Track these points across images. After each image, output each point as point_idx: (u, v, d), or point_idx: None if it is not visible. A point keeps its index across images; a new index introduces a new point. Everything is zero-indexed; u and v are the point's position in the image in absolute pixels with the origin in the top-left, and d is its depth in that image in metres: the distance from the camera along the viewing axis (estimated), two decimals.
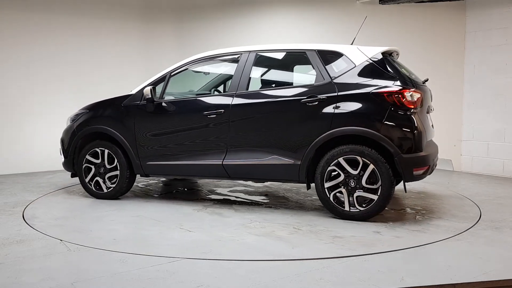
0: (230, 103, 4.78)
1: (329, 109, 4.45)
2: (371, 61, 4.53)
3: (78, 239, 3.84)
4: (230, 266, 3.24)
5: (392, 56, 4.86)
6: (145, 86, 5.17)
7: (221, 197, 5.53)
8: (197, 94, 5.60)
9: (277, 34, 7.90)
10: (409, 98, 4.29)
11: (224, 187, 6.10)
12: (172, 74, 5.21)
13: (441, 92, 7.85)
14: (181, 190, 6.04)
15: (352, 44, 4.90)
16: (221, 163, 4.80)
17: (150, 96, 5.03)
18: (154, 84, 5.19)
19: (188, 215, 4.71)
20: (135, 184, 6.09)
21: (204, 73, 5.49)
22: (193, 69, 5.45)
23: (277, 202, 5.24)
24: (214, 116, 4.81)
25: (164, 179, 6.66)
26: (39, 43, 7.43)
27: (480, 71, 7.50)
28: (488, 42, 7.37)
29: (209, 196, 5.57)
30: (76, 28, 7.70)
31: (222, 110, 4.78)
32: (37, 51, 7.42)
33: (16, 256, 3.43)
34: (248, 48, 5.01)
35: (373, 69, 4.49)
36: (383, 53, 4.62)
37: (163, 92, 5.16)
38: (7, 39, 7.20)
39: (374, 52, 4.60)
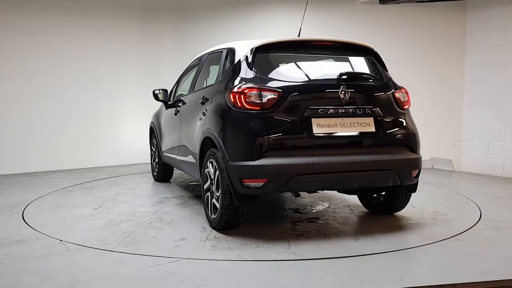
0: (181, 104, 5.30)
1: (205, 111, 4.31)
2: (243, 59, 4.07)
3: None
4: (230, 266, 3.24)
5: (312, 44, 4.20)
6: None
7: None
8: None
9: (276, 34, 7.88)
10: (254, 99, 3.72)
11: None
12: (181, 78, 5.94)
13: (442, 92, 7.87)
14: None
15: (298, 36, 4.44)
16: (176, 157, 5.38)
17: (154, 97, 6.02)
18: (177, 84, 5.94)
19: (149, 197, 5.52)
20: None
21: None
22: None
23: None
24: (176, 115, 5.38)
25: None
26: (38, 43, 7.43)
27: (481, 71, 7.50)
28: (488, 42, 7.37)
29: None
30: (75, 28, 7.71)
31: (179, 110, 5.31)
32: (35, 51, 7.41)
33: (16, 256, 3.43)
34: (207, 51, 5.22)
35: (240, 67, 4.04)
36: (261, 47, 4.04)
37: (174, 93, 5.90)
38: (4, 40, 7.20)
39: (249, 48, 4.07)
